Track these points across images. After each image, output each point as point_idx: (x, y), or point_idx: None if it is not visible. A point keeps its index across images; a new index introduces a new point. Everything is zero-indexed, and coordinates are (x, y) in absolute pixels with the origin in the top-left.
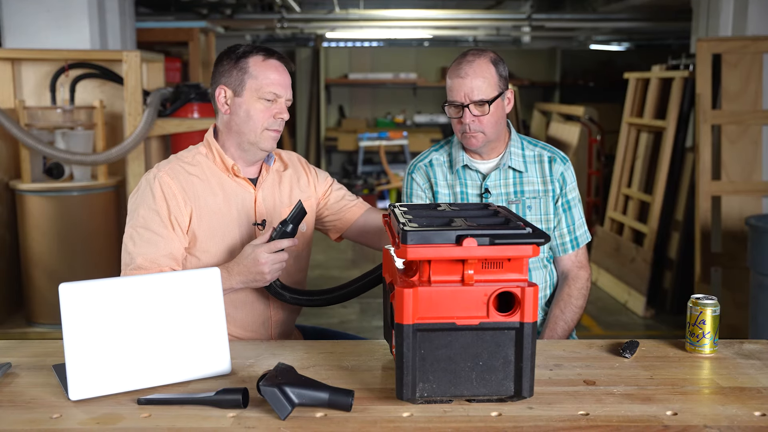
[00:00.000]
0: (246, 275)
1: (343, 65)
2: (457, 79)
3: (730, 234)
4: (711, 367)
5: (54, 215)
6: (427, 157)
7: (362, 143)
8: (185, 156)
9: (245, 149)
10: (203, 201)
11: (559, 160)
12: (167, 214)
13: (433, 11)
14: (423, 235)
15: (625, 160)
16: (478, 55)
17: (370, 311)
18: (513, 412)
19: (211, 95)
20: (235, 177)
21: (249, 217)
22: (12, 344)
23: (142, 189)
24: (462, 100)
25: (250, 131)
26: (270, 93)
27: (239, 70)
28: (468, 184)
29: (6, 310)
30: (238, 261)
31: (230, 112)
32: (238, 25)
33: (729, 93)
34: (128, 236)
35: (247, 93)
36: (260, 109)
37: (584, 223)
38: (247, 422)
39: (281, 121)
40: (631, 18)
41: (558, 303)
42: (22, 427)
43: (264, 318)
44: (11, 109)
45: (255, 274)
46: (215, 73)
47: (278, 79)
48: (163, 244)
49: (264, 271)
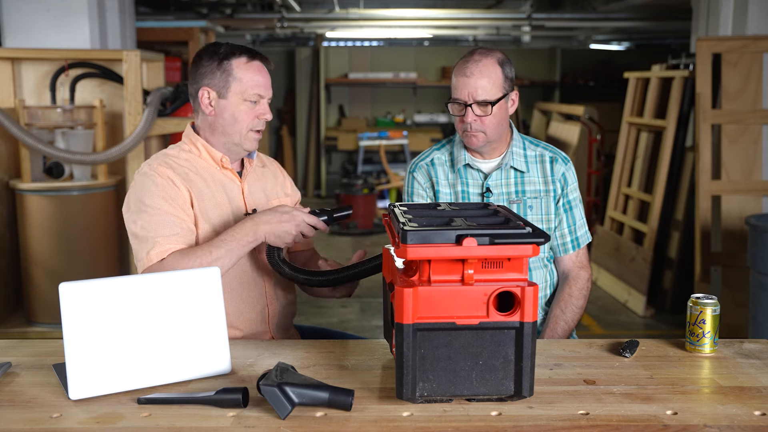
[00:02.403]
0: (275, 225)
1: (343, 65)
2: (463, 78)
3: (730, 233)
4: (711, 366)
5: (54, 215)
6: (429, 156)
7: (362, 143)
8: (170, 152)
9: (230, 149)
10: (198, 189)
11: (560, 160)
12: (173, 196)
13: (433, 11)
14: (423, 235)
15: (625, 160)
16: (486, 54)
17: (369, 311)
18: (513, 412)
19: (192, 94)
20: (223, 169)
21: (239, 206)
22: (12, 344)
23: (139, 183)
24: (465, 99)
25: (235, 133)
26: (254, 95)
27: (223, 72)
28: (469, 184)
29: (6, 310)
30: (273, 210)
31: (215, 114)
32: (238, 24)
33: (729, 92)
34: (138, 227)
35: (232, 95)
36: (245, 111)
37: (585, 223)
38: (247, 422)
39: (264, 121)
40: (631, 17)
41: (558, 303)
42: (22, 426)
43: (261, 307)
44: (11, 108)
45: (284, 226)
46: (195, 73)
47: (262, 81)
48: (177, 222)
49: (291, 232)
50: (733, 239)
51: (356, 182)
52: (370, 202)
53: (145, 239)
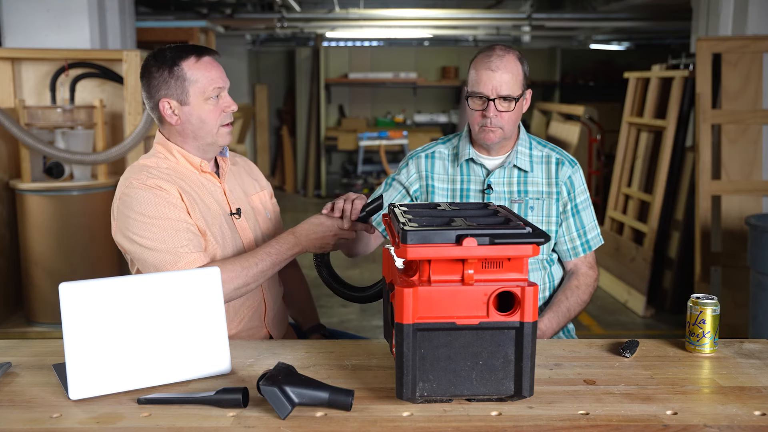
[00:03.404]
0: (315, 240)
1: (343, 65)
2: (487, 72)
3: (730, 233)
4: (711, 366)
5: (54, 215)
6: (432, 149)
7: (362, 143)
8: (148, 163)
9: (204, 150)
10: (188, 195)
11: (567, 163)
12: (173, 202)
13: (433, 11)
14: (423, 235)
15: (625, 160)
16: (507, 50)
17: (370, 311)
18: (513, 412)
19: (152, 108)
20: (202, 173)
21: (225, 207)
22: (12, 344)
23: (133, 197)
24: (489, 94)
25: (207, 134)
26: (214, 90)
27: (177, 78)
28: (471, 180)
29: (6, 310)
30: (310, 223)
31: (181, 122)
32: (238, 24)
33: (729, 92)
34: (148, 240)
35: (193, 99)
36: (210, 109)
37: (597, 226)
38: (247, 422)
39: (231, 113)
40: (631, 17)
41: (564, 290)
42: (22, 426)
43: (257, 302)
44: (11, 108)
45: (324, 240)
46: (149, 87)
47: (217, 75)
48: (189, 227)
49: (330, 242)
50: (733, 239)
51: (356, 182)
52: None
53: (164, 251)
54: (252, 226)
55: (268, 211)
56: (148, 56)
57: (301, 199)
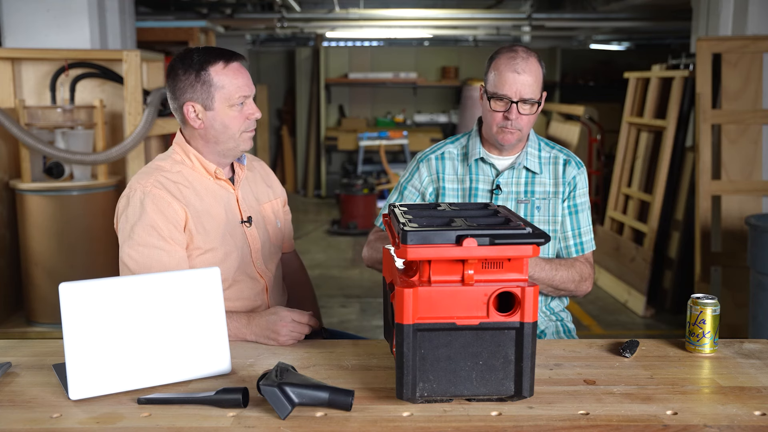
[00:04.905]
0: (263, 330)
1: (343, 65)
2: (512, 74)
3: (730, 233)
4: (711, 366)
5: (54, 215)
6: (441, 149)
7: (362, 143)
8: (163, 165)
9: (224, 154)
10: (193, 206)
11: (574, 163)
12: (165, 225)
13: (433, 11)
14: (423, 235)
15: (625, 160)
16: (529, 52)
17: (370, 311)
18: (513, 412)
19: (175, 109)
20: (216, 179)
21: (236, 215)
22: (12, 344)
23: (132, 206)
24: (512, 96)
25: (229, 139)
26: (240, 98)
27: (203, 83)
28: (480, 179)
29: (6, 310)
30: (262, 315)
31: (204, 126)
32: (238, 24)
33: (729, 92)
34: (127, 256)
35: (219, 105)
36: (234, 116)
37: (591, 231)
38: (247, 422)
39: (255, 120)
40: (631, 17)
41: (561, 259)
42: (22, 426)
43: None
44: (11, 108)
45: (271, 333)
46: (174, 88)
47: (244, 82)
48: (167, 258)
49: (280, 333)
50: (733, 239)
51: (356, 182)
52: (370, 202)
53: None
54: (261, 234)
55: (278, 220)
56: (175, 57)
57: (301, 199)
